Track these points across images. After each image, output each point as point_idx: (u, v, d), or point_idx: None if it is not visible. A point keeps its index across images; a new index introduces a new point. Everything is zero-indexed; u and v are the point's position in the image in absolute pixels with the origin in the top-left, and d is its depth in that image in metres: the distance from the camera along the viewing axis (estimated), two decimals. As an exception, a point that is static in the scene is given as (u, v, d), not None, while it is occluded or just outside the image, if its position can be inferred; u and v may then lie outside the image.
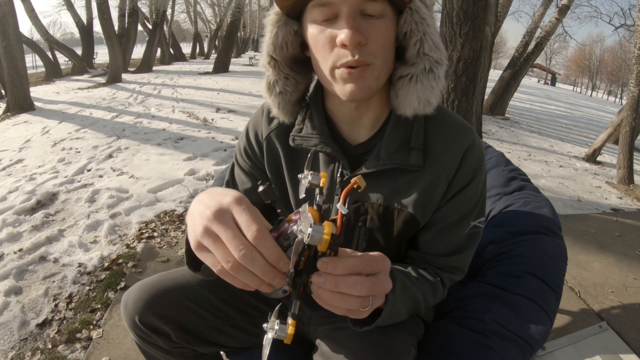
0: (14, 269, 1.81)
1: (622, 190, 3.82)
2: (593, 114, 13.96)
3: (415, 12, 0.57)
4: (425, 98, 0.60)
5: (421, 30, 0.57)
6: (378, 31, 0.55)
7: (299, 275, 0.44)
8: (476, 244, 0.71)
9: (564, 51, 42.61)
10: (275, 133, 0.72)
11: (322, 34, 0.56)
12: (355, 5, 0.54)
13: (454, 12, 2.61)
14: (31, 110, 5.76)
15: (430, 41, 0.58)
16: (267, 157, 0.74)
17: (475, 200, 0.67)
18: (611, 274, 2.09)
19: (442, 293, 0.70)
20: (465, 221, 0.67)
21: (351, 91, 0.57)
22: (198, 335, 0.75)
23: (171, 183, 2.92)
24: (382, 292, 0.50)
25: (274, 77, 0.65)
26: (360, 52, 0.54)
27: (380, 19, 0.56)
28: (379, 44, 0.56)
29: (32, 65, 13.77)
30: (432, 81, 0.59)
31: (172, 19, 18.18)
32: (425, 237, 0.69)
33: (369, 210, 0.68)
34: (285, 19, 0.61)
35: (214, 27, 22.03)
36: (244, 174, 0.78)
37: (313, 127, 0.68)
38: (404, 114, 0.63)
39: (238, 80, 9.69)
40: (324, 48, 0.57)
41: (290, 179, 0.73)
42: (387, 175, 0.66)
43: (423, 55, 0.58)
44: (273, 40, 0.62)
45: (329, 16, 0.55)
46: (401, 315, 0.63)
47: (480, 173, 0.66)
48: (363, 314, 0.50)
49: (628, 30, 13.67)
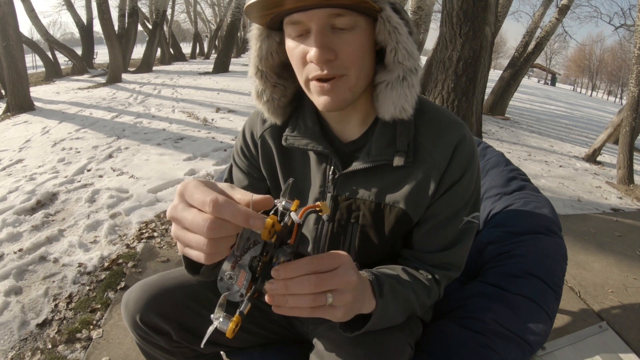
0: (14, 269, 1.81)
1: (622, 190, 3.82)
2: (593, 114, 13.96)
3: (387, 21, 0.56)
4: (400, 105, 0.61)
5: (394, 39, 0.57)
6: (349, 44, 0.56)
7: (255, 281, 0.45)
8: (470, 240, 0.71)
9: (564, 51, 42.62)
10: (268, 132, 0.74)
11: (296, 49, 0.58)
12: (323, 21, 0.55)
13: (454, 12, 2.61)
14: (31, 110, 5.76)
15: (404, 50, 0.58)
16: (261, 155, 0.76)
17: (469, 196, 0.67)
18: (611, 274, 2.09)
19: (437, 292, 0.70)
20: (458, 217, 0.67)
21: (325, 103, 0.59)
22: (199, 334, 0.75)
23: (171, 183, 2.92)
24: (343, 284, 0.47)
25: (262, 87, 0.68)
26: (330, 66, 0.56)
27: (351, 31, 0.56)
28: (350, 56, 0.57)
29: (32, 65, 13.76)
30: (405, 89, 0.60)
31: (172, 19, 18.17)
32: (418, 234, 0.70)
33: (361, 207, 0.69)
34: (267, 32, 0.63)
35: (214, 27, 22.05)
36: (241, 172, 0.80)
37: (305, 126, 0.69)
38: (383, 118, 0.64)
39: (238, 80, 9.69)
40: (297, 63, 0.59)
41: (283, 177, 0.75)
42: (378, 171, 0.67)
43: (397, 63, 0.59)
44: (258, 53, 0.65)
45: (301, 32, 0.57)
46: (395, 319, 0.63)
47: (472, 167, 0.66)
48: (333, 314, 0.49)
49: (628, 30, 13.67)
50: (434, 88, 2.90)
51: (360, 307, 0.54)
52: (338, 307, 0.48)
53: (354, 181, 0.69)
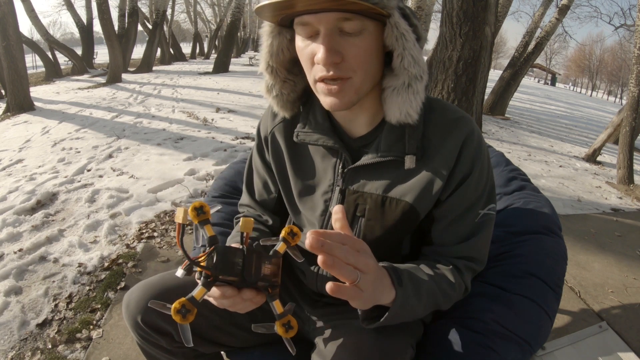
0: (14, 269, 1.81)
1: (622, 190, 3.82)
2: (593, 114, 13.96)
3: (395, 27, 0.57)
4: (405, 110, 0.62)
5: (401, 45, 0.58)
6: (356, 48, 0.57)
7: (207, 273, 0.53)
8: (489, 231, 0.71)
9: (564, 51, 42.65)
10: (278, 128, 0.77)
11: (305, 49, 0.60)
12: (331, 25, 0.56)
13: (454, 12, 2.61)
14: (31, 110, 5.76)
15: (410, 56, 0.58)
16: (271, 152, 0.79)
17: (481, 189, 0.68)
18: (611, 274, 2.09)
19: (461, 283, 0.69)
20: (473, 210, 0.68)
21: (331, 104, 0.61)
22: (200, 334, 0.76)
23: (171, 183, 2.92)
24: (366, 267, 0.50)
25: (272, 82, 0.70)
26: (336, 68, 0.57)
27: (358, 35, 0.57)
28: (357, 60, 0.58)
29: (32, 65, 13.76)
30: (410, 95, 0.61)
31: (172, 19, 18.17)
32: (437, 229, 0.70)
33: (368, 200, 0.69)
34: (278, 29, 0.65)
35: (214, 27, 22.04)
36: (262, 165, 0.84)
37: (315, 122, 0.71)
38: (390, 121, 0.65)
39: (238, 80, 9.69)
40: (306, 62, 0.61)
41: (292, 173, 0.76)
42: (386, 166, 0.67)
43: (403, 69, 0.59)
44: (269, 49, 0.66)
45: (310, 33, 0.58)
46: (418, 311, 0.62)
47: (482, 161, 0.67)
48: (357, 297, 0.50)
49: (628, 30, 13.68)
50: (434, 88, 2.90)
51: (380, 296, 0.54)
52: (362, 290, 0.50)
53: (362, 175, 0.69)
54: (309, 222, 0.77)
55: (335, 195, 0.71)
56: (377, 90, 0.65)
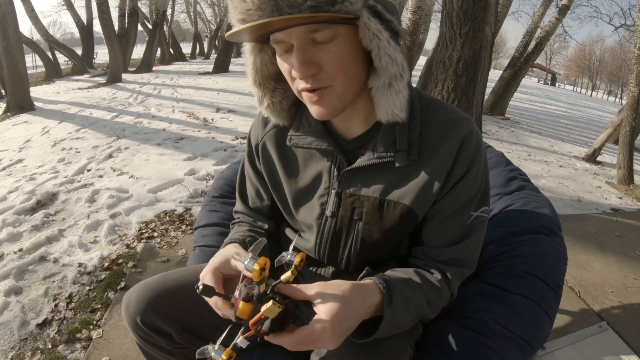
0: (14, 269, 1.81)
1: (622, 190, 3.82)
2: (593, 114, 13.96)
3: (366, 28, 0.56)
4: (390, 110, 0.61)
5: (375, 45, 0.57)
6: (331, 55, 0.57)
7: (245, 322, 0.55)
8: (481, 234, 0.70)
9: (564, 51, 42.56)
10: (269, 136, 0.76)
11: (284, 64, 0.60)
12: (302, 38, 0.55)
13: (454, 12, 2.61)
14: (31, 110, 5.76)
15: (386, 56, 0.57)
16: (262, 160, 0.78)
17: (476, 189, 0.67)
18: (611, 274, 2.09)
19: (448, 292, 0.69)
20: (465, 211, 0.67)
21: (317, 112, 0.61)
22: (200, 335, 0.76)
23: (171, 183, 2.92)
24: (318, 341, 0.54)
25: (261, 94, 0.70)
26: (313, 80, 0.58)
27: (332, 42, 0.56)
28: (334, 67, 0.57)
29: (32, 65, 13.75)
30: (393, 95, 0.60)
31: (172, 19, 18.16)
32: (428, 230, 0.70)
33: (365, 204, 0.69)
34: (260, 46, 0.65)
35: (214, 27, 22.03)
36: (254, 173, 0.83)
37: (309, 125, 0.71)
38: (381, 120, 0.64)
39: (238, 80, 9.69)
40: (287, 76, 0.61)
41: (286, 179, 0.76)
42: (383, 168, 0.67)
43: (382, 68, 0.59)
44: (253, 66, 0.67)
45: (286, 49, 0.58)
46: (405, 325, 0.63)
47: (479, 162, 0.66)
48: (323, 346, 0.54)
49: (628, 30, 13.65)
50: (434, 88, 2.90)
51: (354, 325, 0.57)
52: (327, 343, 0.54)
53: (358, 178, 0.69)
54: (307, 226, 0.77)
55: (331, 199, 0.71)
56: (368, 89, 0.64)
